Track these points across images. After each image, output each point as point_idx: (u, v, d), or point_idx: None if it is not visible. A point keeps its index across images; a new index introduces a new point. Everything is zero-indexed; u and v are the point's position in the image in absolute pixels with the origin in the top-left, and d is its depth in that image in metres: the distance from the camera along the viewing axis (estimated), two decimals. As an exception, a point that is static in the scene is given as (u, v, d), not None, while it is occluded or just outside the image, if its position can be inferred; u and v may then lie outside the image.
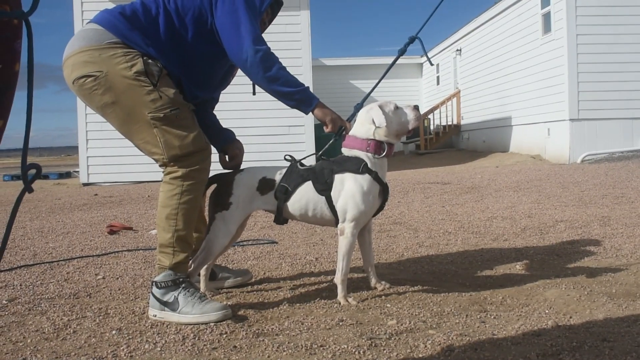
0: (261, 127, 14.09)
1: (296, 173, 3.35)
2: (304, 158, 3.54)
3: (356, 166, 3.26)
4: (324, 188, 3.27)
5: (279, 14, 3.70)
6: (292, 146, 13.83)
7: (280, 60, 3.22)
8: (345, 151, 3.37)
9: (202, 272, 3.53)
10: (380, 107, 3.34)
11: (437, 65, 27.77)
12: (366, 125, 3.34)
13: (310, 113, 3.31)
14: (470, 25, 22.94)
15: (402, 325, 2.86)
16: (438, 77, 27.99)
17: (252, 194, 3.36)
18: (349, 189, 3.23)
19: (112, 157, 13.96)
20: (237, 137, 3.70)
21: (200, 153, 3.18)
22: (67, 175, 20.06)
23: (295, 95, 3.23)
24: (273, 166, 3.45)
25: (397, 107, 3.39)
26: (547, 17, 16.66)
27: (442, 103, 24.55)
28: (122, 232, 6.27)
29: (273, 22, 3.66)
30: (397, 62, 3.97)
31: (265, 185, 3.36)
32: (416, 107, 3.44)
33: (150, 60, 3.10)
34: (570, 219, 6.14)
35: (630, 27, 15.43)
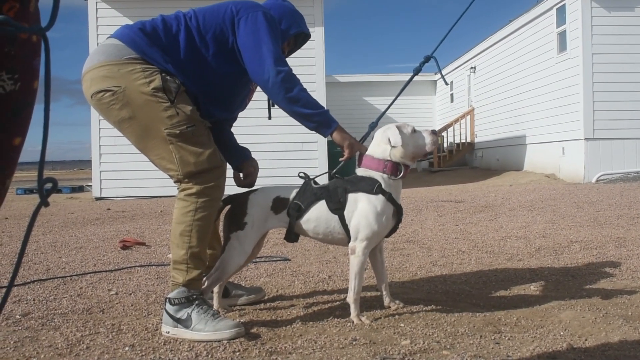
0: (274, 143, 14.10)
1: (310, 191, 3.35)
2: (317, 176, 3.54)
3: (370, 186, 3.26)
4: (337, 207, 3.27)
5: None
6: (305, 162, 13.85)
7: (301, 83, 3.23)
8: (360, 171, 3.37)
9: (216, 289, 3.53)
10: (398, 127, 3.34)
11: (451, 82, 27.76)
12: (382, 145, 3.34)
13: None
14: (485, 43, 22.94)
15: (415, 345, 2.84)
16: (452, 95, 27.97)
17: (266, 213, 3.36)
18: (362, 209, 3.23)
19: (125, 171, 14.01)
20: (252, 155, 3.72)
21: (215, 170, 3.19)
22: (80, 189, 20.13)
23: (315, 117, 3.24)
24: (287, 185, 3.46)
25: (415, 130, 3.39)
26: (562, 36, 16.64)
27: (456, 121, 24.53)
28: (134, 247, 6.27)
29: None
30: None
31: (279, 204, 3.36)
32: (434, 132, 3.44)
33: (168, 77, 3.12)
34: (585, 239, 6.10)
35: (646, 47, 15.40)
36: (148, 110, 3.09)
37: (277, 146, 14.18)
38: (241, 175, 3.67)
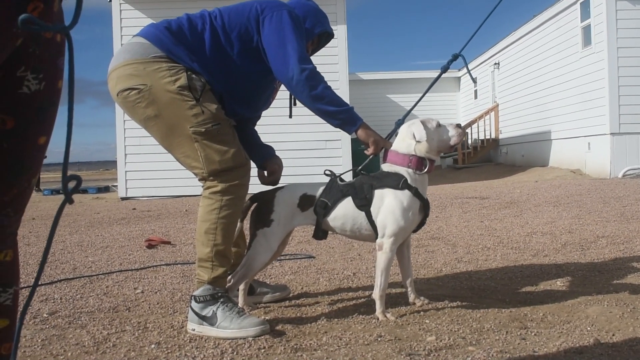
0: (298, 141, 14.11)
1: (336, 188, 3.35)
2: (343, 173, 3.54)
3: (396, 182, 3.25)
4: (364, 203, 3.26)
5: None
6: (329, 161, 13.85)
7: (325, 80, 3.23)
8: (386, 167, 3.36)
9: (241, 286, 3.54)
10: (422, 122, 3.33)
11: (475, 78, 27.63)
12: (407, 140, 3.33)
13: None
14: (509, 38, 22.81)
15: (441, 341, 2.83)
16: (476, 91, 27.84)
17: (292, 210, 3.37)
18: (388, 205, 3.22)
19: (150, 171, 14.10)
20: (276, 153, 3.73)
21: (240, 169, 3.20)
22: (106, 189, 20.29)
23: (339, 114, 3.24)
24: (313, 183, 3.46)
25: (439, 125, 3.38)
26: (587, 30, 16.50)
27: (480, 117, 24.42)
28: (160, 246, 6.31)
29: None
30: (434, 76, 3.95)
31: (305, 201, 3.37)
32: (459, 125, 3.42)
33: (194, 75, 3.14)
34: (612, 234, 6.04)
35: (672, 40, 15.22)
36: (174, 108, 3.11)
37: (301, 144, 14.19)
38: (265, 173, 3.68)
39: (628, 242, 5.58)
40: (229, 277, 3.38)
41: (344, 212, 3.30)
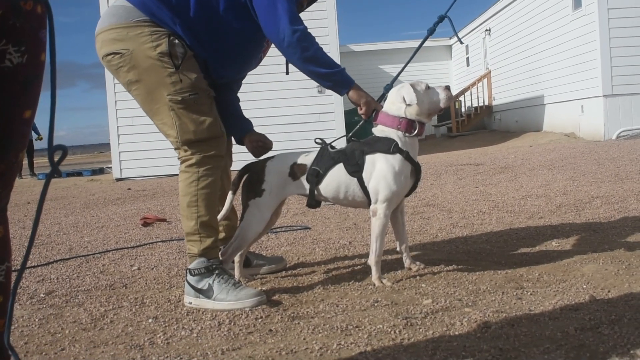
0: (291, 115, 14.06)
1: (327, 156, 3.33)
2: (334, 140, 3.52)
3: (387, 146, 3.23)
4: (356, 170, 3.25)
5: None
6: (322, 133, 13.67)
7: (317, 42, 3.20)
8: (376, 131, 3.35)
9: (237, 259, 3.54)
10: (412, 85, 3.31)
11: (467, 46, 27.54)
12: (397, 104, 3.32)
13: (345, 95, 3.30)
14: (499, 4, 22.70)
15: (437, 304, 2.84)
16: (468, 59, 27.75)
17: (284, 179, 3.36)
18: (380, 170, 3.21)
19: (144, 151, 14.07)
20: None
21: (215, 140, 3.19)
22: (100, 171, 20.27)
23: (332, 76, 3.22)
24: (303, 152, 3.45)
25: (428, 87, 3.36)
26: (577, -8, 16.42)
27: (473, 84, 24.33)
28: (156, 223, 6.31)
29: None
30: (426, 44, 3.93)
31: (296, 170, 3.35)
32: (447, 87, 3.41)
33: (176, 41, 3.11)
34: (606, 194, 6.05)
35: (663, 0, 15.16)
36: (153, 74, 3.10)
37: (294, 118, 14.14)
38: (248, 147, 3.62)
39: (622, 201, 5.58)
40: (223, 249, 3.38)
41: (336, 179, 3.29)
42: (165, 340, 2.62)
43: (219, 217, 3.41)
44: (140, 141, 13.85)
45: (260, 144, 3.60)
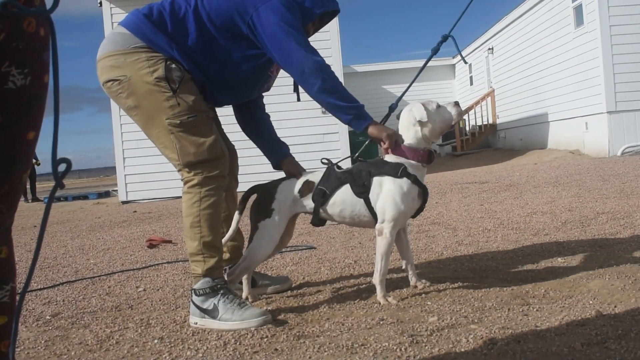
0: (296, 136, 14.06)
1: (334, 176, 3.35)
2: (340, 160, 3.53)
3: (395, 170, 3.24)
4: (362, 191, 3.26)
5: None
6: (327, 154, 13.75)
7: (334, 73, 3.20)
8: (389, 157, 3.34)
9: (244, 278, 3.54)
10: (422, 104, 3.32)
11: (470, 65, 27.59)
12: (411, 127, 3.32)
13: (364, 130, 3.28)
14: (501, 23, 22.77)
15: (443, 321, 2.83)
16: (471, 77, 27.81)
17: (292, 199, 3.37)
18: (388, 190, 3.21)
19: (149, 174, 14.08)
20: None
21: (216, 161, 3.20)
22: (106, 194, 20.30)
23: (351, 110, 3.21)
24: (312, 172, 3.47)
25: (439, 105, 3.38)
26: (578, 10, 16.47)
27: (477, 103, 24.35)
28: (161, 245, 6.31)
29: None
30: (430, 64, 3.94)
31: (305, 189, 3.37)
32: (457, 103, 3.43)
33: (173, 65, 3.14)
34: (612, 210, 6.04)
35: (664, 15, 15.20)
36: (151, 99, 3.13)
37: (299, 139, 14.12)
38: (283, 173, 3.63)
39: (628, 216, 5.57)
40: (230, 270, 3.38)
41: (343, 199, 3.30)
42: (170, 361, 2.62)
43: (224, 239, 3.42)
44: (145, 164, 13.87)
45: (296, 172, 3.56)
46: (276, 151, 3.67)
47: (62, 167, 1.51)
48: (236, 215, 3.48)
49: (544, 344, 2.42)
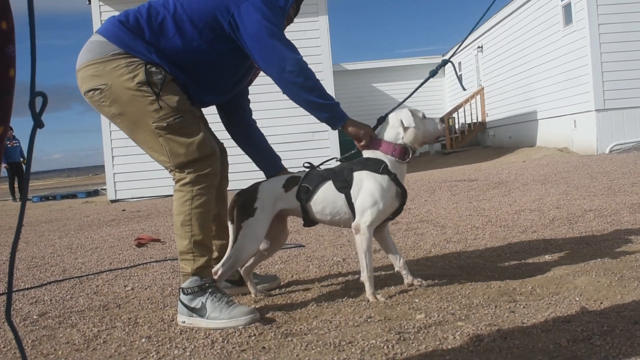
0: (285, 134, 14.06)
1: (316, 174, 3.37)
2: (322, 163, 3.55)
3: (377, 166, 3.27)
4: (344, 185, 3.28)
5: (298, 20, 3.67)
6: (317, 152, 13.81)
7: (313, 72, 3.21)
8: (367, 153, 3.36)
9: (248, 278, 3.65)
10: (411, 111, 3.35)
11: (459, 63, 27.62)
12: (395, 128, 3.34)
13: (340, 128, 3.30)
14: (491, 21, 22.79)
15: (430, 318, 2.84)
16: (461, 76, 27.84)
17: (275, 197, 3.38)
18: (367, 187, 3.24)
19: (138, 172, 14.04)
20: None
21: (207, 159, 3.19)
22: (95, 193, 20.24)
23: (329, 108, 3.23)
24: (295, 172, 3.50)
25: (425, 116, 3.41)
26: (567, 8, 16.52)
27: (466, 101, 24.41)
28: (150, 244, 6.30)
29: (292, 30, 3.60)
30: (420, 63, 4.01)
31: (290, 185, 3.39)
32: (442, 120, 3.47)
33: (153, 69, 3.11)
34: (599, 207, 6.07)
35: (652, 14, 15.28)
36: (135, 105, 3.11)
37: (289, 137, 14.13)
38: None
39: (615, 214, 5.60)
40: (215, 268, 3.38)
41: (325, 195, 3.32)
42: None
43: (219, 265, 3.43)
44: (134, 162, 13.82)
45: None
46: (270, 164, 3.72)
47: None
48: (230, 225, 3.49)
49: (530, 341, 2.43)
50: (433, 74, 3.75)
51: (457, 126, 24.86)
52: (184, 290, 3.13)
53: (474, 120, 24.58)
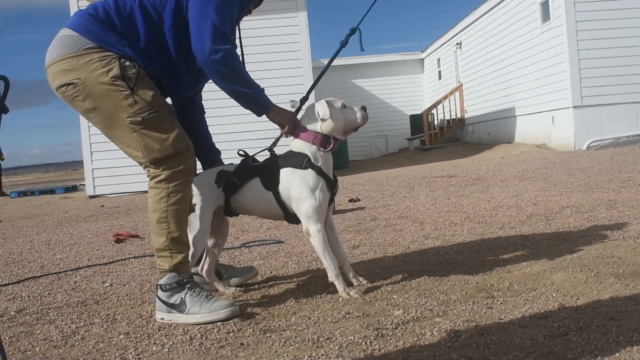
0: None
1: (245, 168, 3.41)
2: (256, 153, 3.53)
3: (300, 161, 3.30)
4: (271, 184, 3.32)
5: (277, 16, 3.67)
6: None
7: (240, 61, 3.20)
8: (292, 146, 3.39)
9: (210, 278, 3.63)
10: (327, 102, 3.35)
11: (438, 59, 27.70)
12: (313, 120, 3.37)
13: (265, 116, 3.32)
14: (469, 18, 22.90)
15: (408, 314, 2.86)
16: (439, 72, 27.91)
17: (210, 189, 3.41)
18: (296, 190, 3.28)
19: (117, 168, 13.98)
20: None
21: (181, 154, 3.17)
22: (74, 188, 20.14)
23: (253, 97, 3.23)
24: (230, 164, 3.54)
25: (344, 106, 3.40)
26: (545, 5, 16.63)
27: (445, 97, 24.51)
28: (128, 240, 6.28)
29: (271, 26, 3.60)
30: (398, 58, 3.97)
31: (221, 180, 3.42)
32: (364, 108, 3.45)
33: (127, 63, 3.08)
34: (576, 204, 6.12)
35: (630, 11, 15.43)
36: (109, 99, 3.07)
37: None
38: None
39: (592, 210, 5.65)
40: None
41: (253, 191, 3.37)
42: (136, 356, 2.62)
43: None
44: (113, 158, 13.74)
45: None
46: (210, 161, 3.70)
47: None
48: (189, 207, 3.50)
49: (507, 337, 2.45)
50: (343, 44, 3.79)
51: (436, 122, 24.96)
52: (161, 287, 3.12)
53: (453, 117, 24.69)
